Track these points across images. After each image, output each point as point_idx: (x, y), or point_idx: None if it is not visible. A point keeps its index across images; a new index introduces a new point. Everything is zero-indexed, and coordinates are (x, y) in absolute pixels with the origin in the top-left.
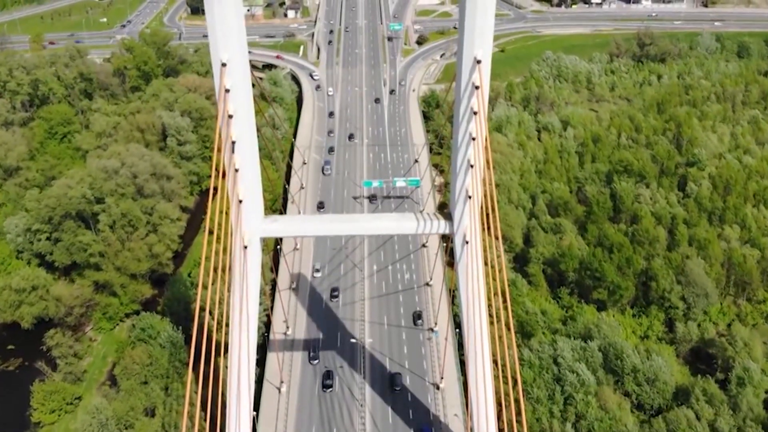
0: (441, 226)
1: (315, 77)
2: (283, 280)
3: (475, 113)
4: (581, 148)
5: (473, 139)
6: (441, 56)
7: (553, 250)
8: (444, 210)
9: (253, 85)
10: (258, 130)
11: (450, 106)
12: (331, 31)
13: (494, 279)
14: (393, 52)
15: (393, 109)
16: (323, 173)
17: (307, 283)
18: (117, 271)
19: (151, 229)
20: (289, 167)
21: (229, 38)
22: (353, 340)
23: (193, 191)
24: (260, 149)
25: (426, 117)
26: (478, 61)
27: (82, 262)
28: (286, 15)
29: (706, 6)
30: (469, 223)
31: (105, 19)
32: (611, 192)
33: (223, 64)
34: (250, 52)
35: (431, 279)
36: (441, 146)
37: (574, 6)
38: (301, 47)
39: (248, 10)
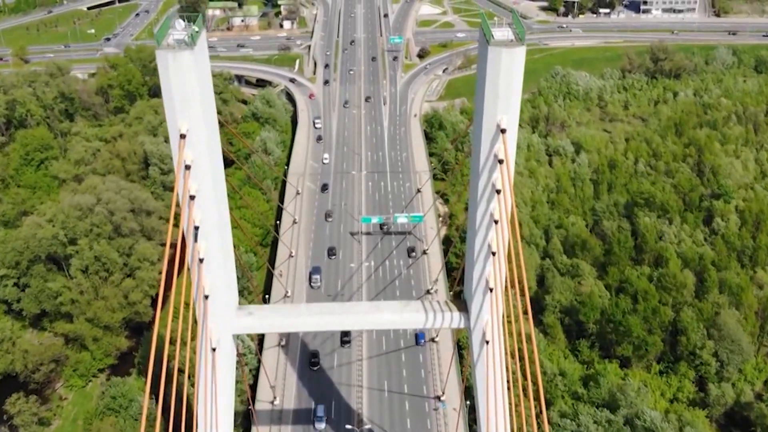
0: (454, 319)
1: (317, 125)
2: (271, 334)
3: (497, 191)
4: (596, 175)
5: (495, 222)
6: (444, 71)
7: (570, 297)
8: (456, 287)
9: (251, 104)
10: (245, 170)
11: (458, 131)
12: (328, 64)
13: (513, 333)
14: (393, 68)
15: (393, 131)
16: (311, 285)
17: (298, 338)
18: (89, 322)
19: (128, 272)
20: (280, 210)
21: (189, 104)
22: (350, 426)
23: (178, 223)
24: (250, 179)
25: (428, 138)
26: (503, 130)
27: (51, 311)
28: (281, 26)
29: (718, 16)
30: (489, 319)
31: (93, 30)
32: (632, 228)
33: (182, 136)
34: (226, 75)
35: (437, 335)
36: (445, 172)
37: (581, 16)
38: (297, 61)
39: (242, 21)
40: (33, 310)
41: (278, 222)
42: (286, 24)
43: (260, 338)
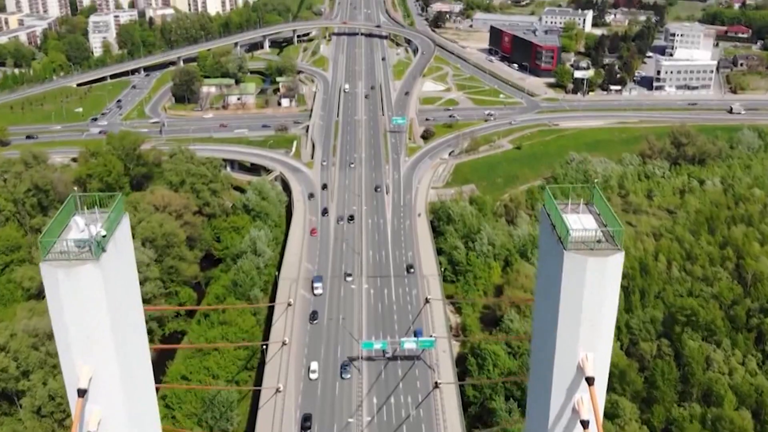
0: None
1: (316, 290)
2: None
3: None
4: (626, 280)
5: None
6: (450, 154)
7: None
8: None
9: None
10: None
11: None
12: (326, 185)
13: None
14: (396, 150)
15: (397, 224)
16: None
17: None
18: None
19: None
20: (269, 325)
21: (95, 343)
22: None
23: (154, 338)
24: (238, 285)
25: (435, 230)
26: (588, 380)
27: None
28: (279, 104)
29: (734, 92)
30: None
31: (80, 109)
32: (672, 348)
33: (81, 392)
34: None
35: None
36: (455, 273)
37: (591, 93)
38: (294, 143)
39: (238, 99)
40: None
41: (265, 346)
42: (285, 102)
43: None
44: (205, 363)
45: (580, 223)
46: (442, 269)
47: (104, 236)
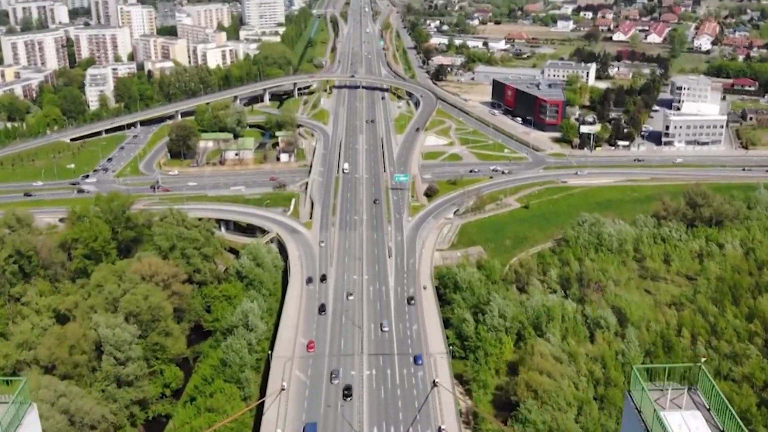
0: None
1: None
2: None
3: None
4: (648, 358)
5: None
6: (455, 213)
7: None
8: None
9: None
10: None
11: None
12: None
13: None
14: (398, 209)
15: (401, 293)
16: None
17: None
18: None
19: None
20: (260, 414)
21: None
22: None
23: (137, 422)
24: (227, 366)
25: (441, 299)
26: None
27: None
28: (278, 159)
29: (746, 148)
30: None
31: (73, 166)
32: None
33: None
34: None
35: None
36: (465, 350)
37: (598, 149)
38: (293, 201)
39: (236, 154)
40: None
41: None
42: (284, 157)
43: None
44: None
45: (687, 428)
46: (450, 344)
47: None
